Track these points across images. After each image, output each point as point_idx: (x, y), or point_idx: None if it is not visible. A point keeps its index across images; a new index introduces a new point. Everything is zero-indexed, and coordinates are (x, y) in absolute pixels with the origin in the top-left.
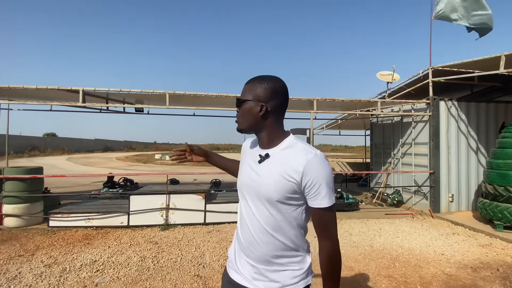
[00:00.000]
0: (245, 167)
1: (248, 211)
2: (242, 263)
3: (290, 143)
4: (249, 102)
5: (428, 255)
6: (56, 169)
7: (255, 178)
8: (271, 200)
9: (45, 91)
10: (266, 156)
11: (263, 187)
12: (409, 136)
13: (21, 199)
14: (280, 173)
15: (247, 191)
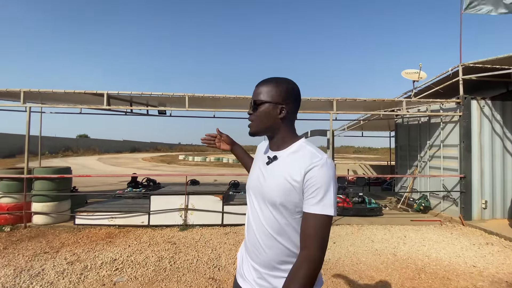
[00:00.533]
0: (255, 168)
1: (254, 213)
2: (246, 267)
3: (299, 146)
4: (267, 104)
5: (458, 267)
6: (86, 169)
7: (261, 180)
8: (274, 203)
9: (73, 94)
10: (274, 158)
11: (267, 190)
12: (438, 138)
13: (50, 197)
14: (284, 176)
15: (254, 192)
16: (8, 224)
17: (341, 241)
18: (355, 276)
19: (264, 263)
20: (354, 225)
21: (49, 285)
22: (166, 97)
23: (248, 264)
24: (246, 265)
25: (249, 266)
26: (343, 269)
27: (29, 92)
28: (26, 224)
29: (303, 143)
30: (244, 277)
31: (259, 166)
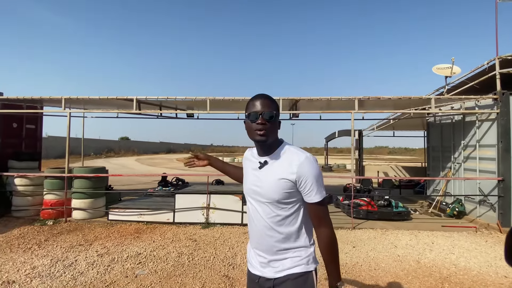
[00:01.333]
0: (248, 174)
1: (254, 212)
2: (252, 255)
3: (284, 148)
4: (276, 116)
5: (487, 277)
6: (125, 169)
7: (257, 183)
8: (273, 200)
9: (106, 100)
10: (265, 163)
11: (265, 190)
12: (473, 138)
13: (87, 194)
14: (278, 176)
15: (251, 194)
16: (51, 218)
17: (362, 246)
18: (370, 282)
19: (267, 250)
20: (377, 229)
21: (79, 274)
22: (190, 101)
23: (254, 253)
24: (253, 253)
25: (254, 255)
26: (359, 274)
27: (69, 99)
28: (67, 219)
29: (286, 145)
30: (252, 264)
31: (252, 171)
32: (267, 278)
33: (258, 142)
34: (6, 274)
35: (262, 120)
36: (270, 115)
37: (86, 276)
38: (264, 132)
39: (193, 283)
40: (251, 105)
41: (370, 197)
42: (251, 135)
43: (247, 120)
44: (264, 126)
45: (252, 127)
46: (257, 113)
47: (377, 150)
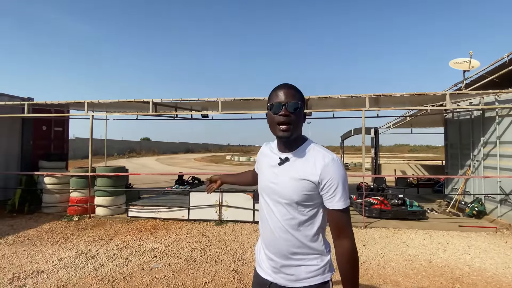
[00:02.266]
0: (265, 170)
1: (269, 211)
2: (263, 258)
3: (309, 147)
4: (301, 107)
5: (503, 279)
6: (145, 168)
7: (275, 181)
8: (290, 201)
9: (125, 103)
10: (286, 160)
11: (283, 189)
12: (493, 134)
13: (108, 192)
14: (299, 175)
15: (267, 192)
16: (77, 215)
17: (372, 244)
18: (378, 280)
19: (280, 254)
20: (390, 228)
21: (100, 266)
22: (203, 102)
23: (264, 256)
24: (263, 256)
25: (265, 258)
26: (367, 272)
27: (91, 103)
28: (90, 215)
29: (311, 143)
30: (261, 266)
31: (269, 167)
32: (280, 285)
33: (281, 138)
34: (36, 265)
35: (286, 112)
36: (294, 106)
37: (106, 268)
38: (287, 127)
39: (203, 277)
40: (274, 95)
41: (384, 195)
42: (273, 129)
43: (269, 111)
44: (288, 118)
45: (275, 119)
46: (281, 103)
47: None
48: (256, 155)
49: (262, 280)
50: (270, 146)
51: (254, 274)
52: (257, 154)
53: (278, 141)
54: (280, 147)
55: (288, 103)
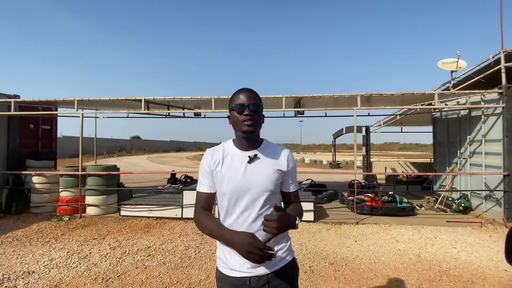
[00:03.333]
0: (233, 171)
1: (244, 209)
2: (235, 260)
3: (267, 143)
4: (262, 108)
5: (487, 271)
6: (136, 167)
7: (250, 177)
8: (268, 191)
9: (116, 101)
10: (255, 157)
11: (260, 182)
12: (479, 132)
13: (100, 191)
14: (273, 167)
15: (242, 191)
16: (67, 214)
17: (363, 240)
18: (369, 274)
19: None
20: (381, 224)
21: (93, 266)
22: (196, 100)
23: (239, 256)
24: (235, 258)
25: (239, 257)
26: (358, 267)
27: (82, 100)
28: (81, 215)
29: (266, 140)
30: (234, 268)
31: (238, 167)
32: (260, 275)
33: (246, 133)
34: (27, 265)
35: (249, 112)
36: (256, 107)
37: (99, 267)
38: (252, 122)
39: (198, 274)
40: (236, 97)
41: (375, 193)
42: (238, 127)
43: (232, 112)
44: (252, 117)
45: (239, 118)
46: (244, 105)
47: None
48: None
49: (238, 280)
50: (224, 149)
51: (223, 277)
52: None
53: (243, 138)
54: (242, 146)
55: (250, 104)
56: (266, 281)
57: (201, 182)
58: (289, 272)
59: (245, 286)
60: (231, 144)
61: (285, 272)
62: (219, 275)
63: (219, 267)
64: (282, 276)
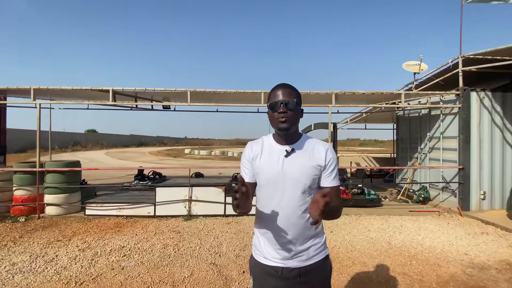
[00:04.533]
0: (271, 163)
1: (280, 201)
2: (269, 251)
3: (306, 138)
4: (297, 104)
5: (450, 254)
6: (95, 163)
7: (287, 170)
8: (304, 186)
9: (80, 91)
10: (292, 151)
11: (297, 176)
12: (437, 130)
13: (61, 189)
14: (310, 162)
15: (277, 183)
16: (23, 215)
17: (338, 230)
18: (348, 262)
19: (294, 240)
20: (352, 215)
21: (63, 269)
22: (169, 92)
23: (272, 247)
24: (269, 249)
25: (273, 250)
26: (337, 256)
27: (39, 89)
28: (40, 215)
29: (306, 135)
30: (267, 257)
31: (276, 159)
32: (292, 268)
33: (281, 131)
34: None
35: (284, 109)
36: (291, 103)
37: (70, 270)
38: (286, 120)
39: (181, 272)
40: (272, 95)
41: (345, 185)
42: (274, 124)
43: (269, 110)
44: (286, 114)
45: (275, 116)
46: (279, 102)
47: (349, 142)
48: (218, 148)
49: (271, 269)
50: (264, 142)
51: (257, 265)
52: (218, 147)
53: (279, 135)
54: (280, 141)
55: (285, 101)
56: (298, 274)
57: (243, 171)
58: (321, 269)
59: (277, 275)
60: (271, 138)
61: (317, 268)
62: (253, 262)
63: (254, 255)
64: (314, 271)
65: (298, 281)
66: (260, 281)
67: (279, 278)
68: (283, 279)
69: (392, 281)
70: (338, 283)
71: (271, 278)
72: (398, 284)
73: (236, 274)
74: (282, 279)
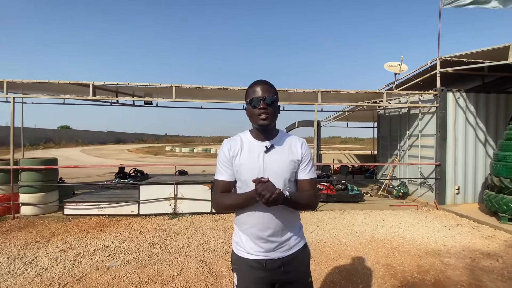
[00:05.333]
0: (251, 159)
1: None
2: (251, 246)
3: (283, 134)
4: (276, 100)
5: (428, 246)
6: (70, 161)
7: (266, 165)
8: (284, 179)
9: (57, 85)
10: (271, 147)
11: (277, 170)
12: (416, 128)
13: (37, 188)
14: (287, 157)
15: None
16: None
17: (324, 225)
18: (335, 256)
19: (277, 233)
20: (337, 210)
21: (44, 271)
22: (153, 88)
23: (253, 242)
24: (251, 244)
25: (255, 245)
26: (324, 249)
27: (12, 83)
28: (15, 215)
29: (282, 131)
30: (250, 252)
31: (256, 156)
32: (275, 258)
33: (261, 126)
34: None
35: (264, 105)
36: (271, 100)
37: (52, 272)
38: (266, 116)
39: (170, 270)
40: (251, 91)
41: (329, 182)
42: (254, 120)
43: (248, 106)
44: (266, 110)
45: (255, 112)
46: (259, 98)
47: (330, 140)
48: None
49: (255, 262)
50: (242, 139)
51: (240, 260)
52: (200, 144)
53: (258, 130)
54: (259, 137)
55: (265, 98)
56: (281, 264)
57: (219, 171)
58: (302, 256)
59: (261, 268)
60: (248, 135)
61: (298, 256)
62: (235, 258)
63: (236, 251)
64: (296, 260)
65: (282, 270)
66: (244, 275)
67: (263, 270)
68: (267, 270)
69: (377, 272)
70: (326, 276)
71: (255, 271)
72: (382, 275)
73: (226, 270)
74: (266, 271)
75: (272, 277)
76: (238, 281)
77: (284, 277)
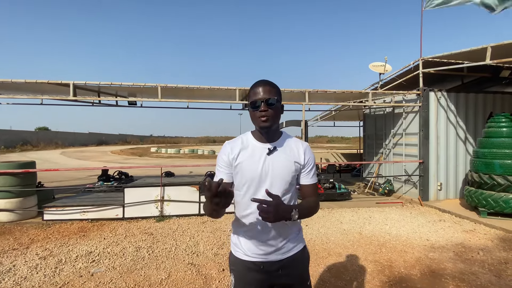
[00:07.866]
0: (252, 161)
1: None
2: (249, 247)
3: (286, 136)
4: (278, 102)
5: (414, 241)
6: (49, 164)
7: (268, 167)
8: (286, 183)
9: (35, 84)
10: (274, 149)
11: (279, 173)
12: (400, 127)
13: (14, 193)
14: (290, 159)
15: (261, 180)
16: None
17: (313, 224)
18: (324, 254)
19: (276, 236)
20: (325, 209)
21: (23, 280)
22: (137, 88)
23: (253, 244)
24: (250, 245)
25: (254, 246)
26: (313, 248)
27: None
28: None
29: (286, 133)
30: (248, 254)
31: (258, 158)
32: (273, 261)
33: (263, 129)
34: None
35: (265, 107)
36: (272, 101)
37: (31, 281)
38: (267, 118)
39: (157, 274)
40: (252, 93)
41: (318, 180)
42: (256, 122)
43: (250, 108)
44: (267, 112)
45: (256, 114)
46: (260, 100)
47: (317, 139)
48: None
49: (252, 264)
50: (243, 141)
51: (238, 261)
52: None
53: (260, 133)
54: (261, 139)
55: (266, 99)
56: (279, 266)
57: (220, 171)
58: (300, 259)
59: (258, 270)
60: (250, 136)
61: (297, 259)
62: (233, 259)
63: (234, 252)
64: (294, 262)
65: (279, 273)
66: (241, 277)
67: (260, 273)
68: (265, 272)
69: (365, 268)
70: (316, 274)
71: (253, 273)
72: (371, 271)
73: (215, 273)
74: (263, 273)
75: (270, 280)
76: (235, 283)
77: (282, 280)
